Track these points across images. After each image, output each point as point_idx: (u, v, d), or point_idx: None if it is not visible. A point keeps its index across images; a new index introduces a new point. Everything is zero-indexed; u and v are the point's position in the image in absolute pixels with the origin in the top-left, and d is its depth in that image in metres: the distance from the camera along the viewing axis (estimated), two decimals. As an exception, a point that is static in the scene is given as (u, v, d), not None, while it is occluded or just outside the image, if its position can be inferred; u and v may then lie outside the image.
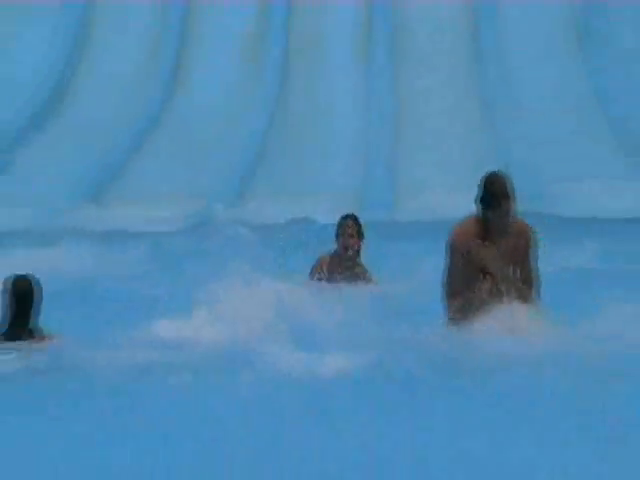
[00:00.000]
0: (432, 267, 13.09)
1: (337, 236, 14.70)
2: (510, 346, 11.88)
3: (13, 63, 27.44)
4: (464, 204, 13.18)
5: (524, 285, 12.00)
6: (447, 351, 12.04)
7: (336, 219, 15.06)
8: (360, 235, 14.59)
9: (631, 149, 23.83)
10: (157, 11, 29.10)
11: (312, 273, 14.86)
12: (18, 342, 12.43)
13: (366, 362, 11.44)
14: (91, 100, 26.18)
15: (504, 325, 12.07)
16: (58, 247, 19.06)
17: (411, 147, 21.17)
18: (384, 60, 25.84)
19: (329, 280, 14.73)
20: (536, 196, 20.29)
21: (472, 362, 11.72)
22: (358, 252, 14.49)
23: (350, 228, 14.47)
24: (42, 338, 12.43)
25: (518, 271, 12.15)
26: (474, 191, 11.90)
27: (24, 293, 12.09)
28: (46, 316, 12.29)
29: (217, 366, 11.40)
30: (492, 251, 11.99)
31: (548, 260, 12.88)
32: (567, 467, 8.08)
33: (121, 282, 16.84)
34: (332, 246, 15.05)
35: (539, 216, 17.45)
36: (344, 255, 14.59)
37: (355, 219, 14.64)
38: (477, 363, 11.68)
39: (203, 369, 11.43)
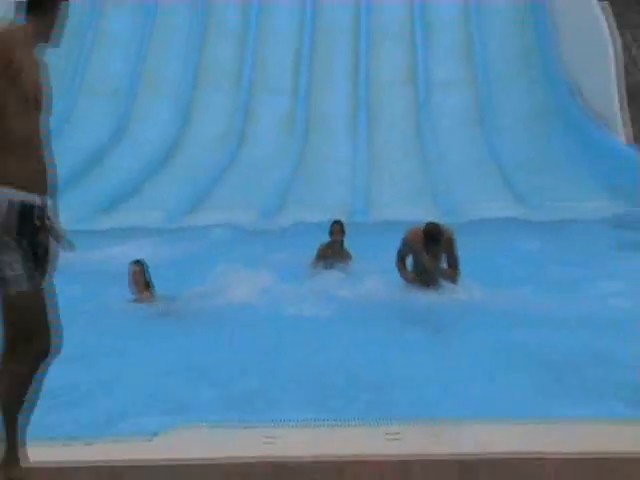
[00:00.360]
0: (391, 252, 15.27)
1: (330, 233, 17.52)
2: (440, 297, 14.86)
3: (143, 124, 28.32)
4: (410, 215, 17.45)
5: (451, 268, 14.96)
6: (399, 295, 15.24)
7: (330, 222, 17.75)
8: (343, 232, 17.47)
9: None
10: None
11: (317, 255, 17.73)
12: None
13: (344, 305, 14.78)
14: (194, 150, 27.25)
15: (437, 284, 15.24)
16: (170, 242, 20.32)
17: (378, 179, 23.53)
18: (366, 130, 27.65)
19: (325, 260, 17.69)
20: (455, 210, 22.59)
21: (417, 304, 14.69)
22: (342, 242, 17.45)
23: (337, 227, 17.45)
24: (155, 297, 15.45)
25: (446, 260, 15.04)
26: (418, 206, 14.37)
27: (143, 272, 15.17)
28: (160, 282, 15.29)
29: (244, 306, 14.49)
30: (427, 257, 14.78)
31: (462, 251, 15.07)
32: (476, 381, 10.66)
33: (202, 260, 18.50)
34: (327, 238, 17.59)
35: (457, 224, 18.55)
36: (335, 244, 17.51)
37: (340, 222, 17.61)
38: (421, 304, 14.69)
39: (242, 308, 14.56)
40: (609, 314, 14.29)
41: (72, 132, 26.63)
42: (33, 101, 6.35)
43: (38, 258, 6.63)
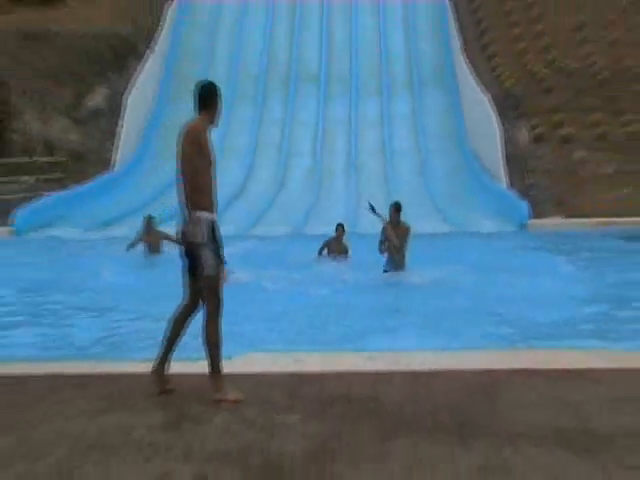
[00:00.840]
0: (372, 250, 15.35)
1: (335, 230, 17.19)
2: (403, 277, 15.01)
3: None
4: (380, 227, 15.26)
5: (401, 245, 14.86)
6: (380, 277, 15.22)
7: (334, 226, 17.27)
8: (343, 231, 17.08)
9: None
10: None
11: (323, 245, 17.27)
12: None
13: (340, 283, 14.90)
14: (254, 189, 27.32)
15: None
16: (240, 244, 19.27)
17: (362, 206, 20.84)
18: (355, 179, 27.51)
19: (329, 252, 17.16)
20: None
21: (388, 280, 14.98)
22: (342, 238, 17.11)
23: (340, 228, 17.13)
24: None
25: (403, 243, 15.02)
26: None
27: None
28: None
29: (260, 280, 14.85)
30: (394, 235, 14.81)
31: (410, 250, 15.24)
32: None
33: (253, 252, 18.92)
34: (332, 235, 17.12)
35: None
36: (338, 239, 17.16)
37: (342, 224, 17.24)
38: (391, 280, 14.97)
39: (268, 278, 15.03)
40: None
41: None
42: (211, 163, 7.26)
43: (218, 254, 7.33)
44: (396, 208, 15.15)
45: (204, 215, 7.22)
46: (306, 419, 6.50)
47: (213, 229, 7.27)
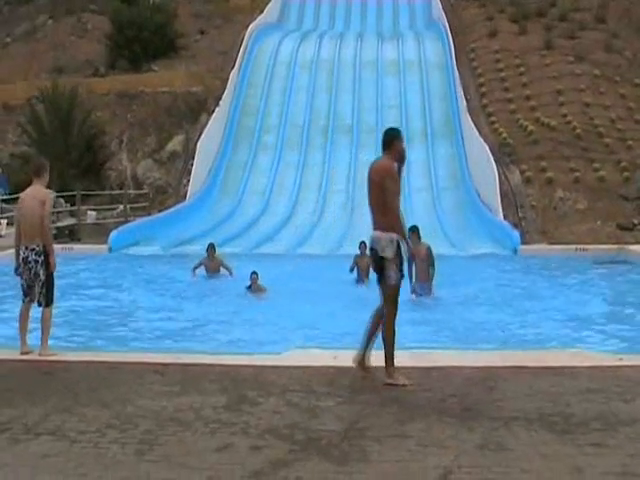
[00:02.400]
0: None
1: (359, 248, 15.81)
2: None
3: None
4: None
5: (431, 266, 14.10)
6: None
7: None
8: (366, 246, 12.41)
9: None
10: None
11: (352, 265, 16.13)
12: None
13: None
14: (297, 219, 26.68)
15: None
16: (285, 262, 19.88)
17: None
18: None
19: (358, 265, 16.06)
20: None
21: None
22: (366, 249, 13.74)
23: (363, 245, 15.06)
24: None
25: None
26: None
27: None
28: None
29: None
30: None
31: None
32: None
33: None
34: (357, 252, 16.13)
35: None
36: (362, 255, 15.50)
37: (364, 242, 14.51)
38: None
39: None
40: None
41: (245, 209, 27.46)
42: (398, 192, 7.21)
43: (400, 269, 7.22)
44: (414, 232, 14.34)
45: (392, 236, 7.10)
46: (341, 404, 6.53)
47: (398, 247, 7.14)
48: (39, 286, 8.42)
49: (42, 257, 8.35)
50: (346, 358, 8.19)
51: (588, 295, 15.19)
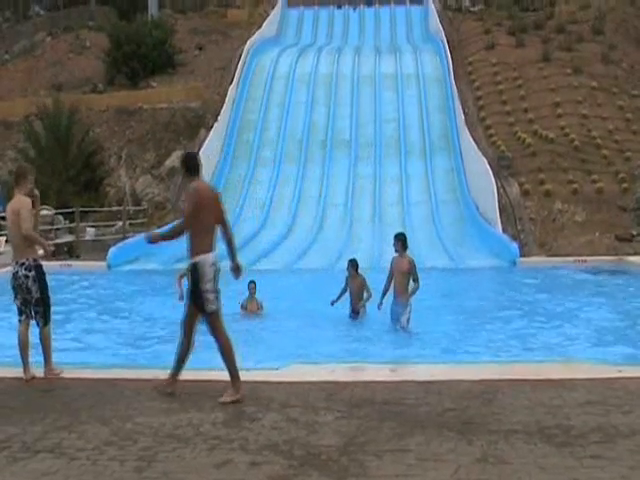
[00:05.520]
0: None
1: (347, 269, 13.70)
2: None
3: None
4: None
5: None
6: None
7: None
8: (357, 265, 13.53)
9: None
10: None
11: (346, 283, 13.80)
12: None
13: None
14: (298, 233, 26.41)
15: None
16: (285, 276, 20.06)
17: (385, 244, 20.04)
18: (379, 225, 26.61)
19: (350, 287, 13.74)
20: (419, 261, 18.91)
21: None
22: (357, 268, 13.49)
23: (353, 262, 13.51)
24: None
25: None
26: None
27: None
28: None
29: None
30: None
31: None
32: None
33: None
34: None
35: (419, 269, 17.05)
36: (352, 273, 13.50)
37: (354, 259, 13.68)
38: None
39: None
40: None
41: (244, 223, 26.86)
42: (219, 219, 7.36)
43: (217, 290, 7.26)
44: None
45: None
46: (339, 419, 6.52)
47: (216, 268, 7.39)
48: (33, 304, 8.21)
49: (32, 272, 8.13)
50: (344, 372, 8.26)
51: (586, 306, 15.17)
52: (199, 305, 7.29)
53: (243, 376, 7.85)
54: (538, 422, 6.31)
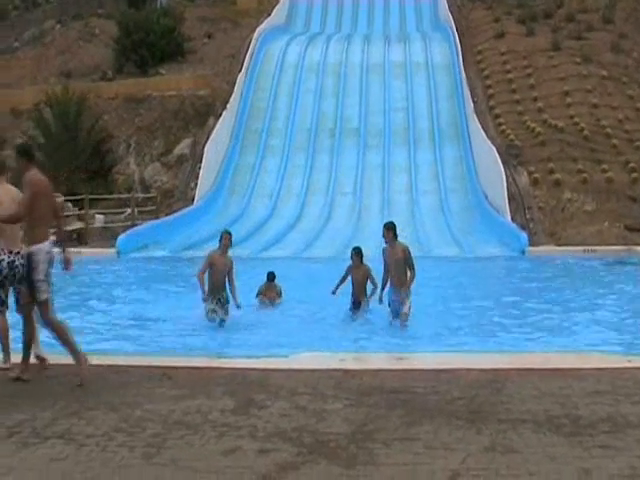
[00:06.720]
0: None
1: (350, 258, 12.95)
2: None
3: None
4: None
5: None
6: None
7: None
8: (361, 255, 12.84)
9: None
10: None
11: (346, 272, 13.06)
12: None
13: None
14: (306, 222, 26.55)
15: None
16: (294, 264, 20.06)
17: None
18: (387, 212, 25.83)
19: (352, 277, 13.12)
20: (427, 250, 21.09)
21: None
22: (361, 258, 12.81)
23: (358, 251, 12.85)
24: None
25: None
26: (412, 246, 12.17)
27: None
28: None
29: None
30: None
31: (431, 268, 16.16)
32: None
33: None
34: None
35: (428, 257, 18.84)
36: (356, 263, 12.85)
37: (359, 248, 12.93)
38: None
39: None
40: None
41: (253, 212, 27.44)
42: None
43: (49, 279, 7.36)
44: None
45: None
46: (348, 406, 6.51)
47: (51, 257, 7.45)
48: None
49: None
50: (354, 361, 8.24)
51: (595, 296, 15.12)
52: (31, 293, 7.41)
53: (252, 364, 7.98)
54: (547, 411, 6.28)
